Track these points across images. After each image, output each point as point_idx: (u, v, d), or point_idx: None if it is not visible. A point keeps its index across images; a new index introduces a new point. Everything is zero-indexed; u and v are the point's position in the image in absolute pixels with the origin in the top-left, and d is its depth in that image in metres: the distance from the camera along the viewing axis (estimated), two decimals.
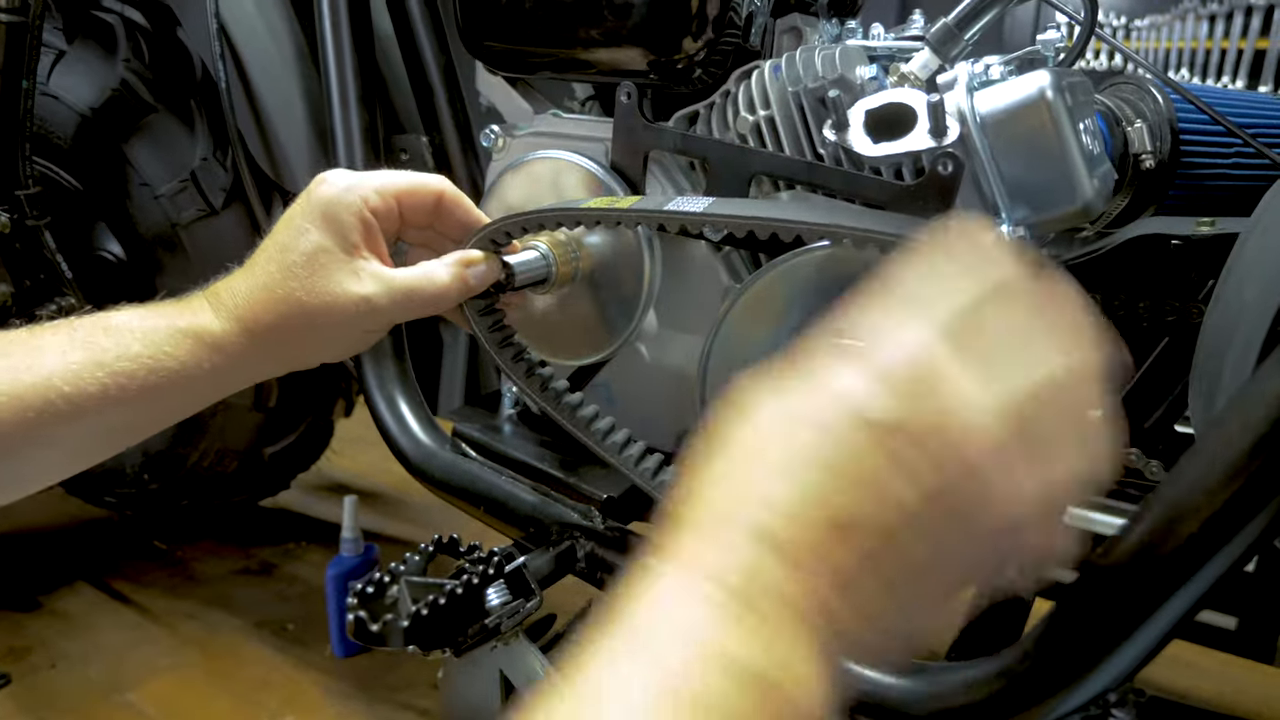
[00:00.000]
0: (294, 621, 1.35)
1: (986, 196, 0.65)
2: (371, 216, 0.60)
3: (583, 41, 0.77)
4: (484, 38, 0.83)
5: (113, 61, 1.20)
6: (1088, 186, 0.64)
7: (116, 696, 1.19)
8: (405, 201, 0.62)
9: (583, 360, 0.83)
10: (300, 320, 0.58)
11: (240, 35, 1.11)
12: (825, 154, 0.70)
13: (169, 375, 0.57)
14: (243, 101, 1.14)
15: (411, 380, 0.95)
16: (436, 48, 1.05)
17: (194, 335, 0.58)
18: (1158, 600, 0.47)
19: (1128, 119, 0.81)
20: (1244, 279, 0.62)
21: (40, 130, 1.22)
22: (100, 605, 1.39)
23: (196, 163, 1.19)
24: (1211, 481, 0.46)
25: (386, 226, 0.62)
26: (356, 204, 0.59)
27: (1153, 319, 0.79)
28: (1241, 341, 0.59)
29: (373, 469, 1.74)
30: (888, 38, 0.78)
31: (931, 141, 0.64)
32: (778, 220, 0.61)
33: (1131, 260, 0.78)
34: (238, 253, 1.29)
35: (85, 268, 1.29)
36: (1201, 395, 0.65)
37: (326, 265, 0.58)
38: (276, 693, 1.20)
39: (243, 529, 1.59)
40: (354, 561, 1.25)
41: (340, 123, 0.97)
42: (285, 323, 0.58)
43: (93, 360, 0.56)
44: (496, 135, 0.86)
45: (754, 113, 0.72)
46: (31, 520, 1.55)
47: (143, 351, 0.57)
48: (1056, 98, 0.63)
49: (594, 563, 0.78)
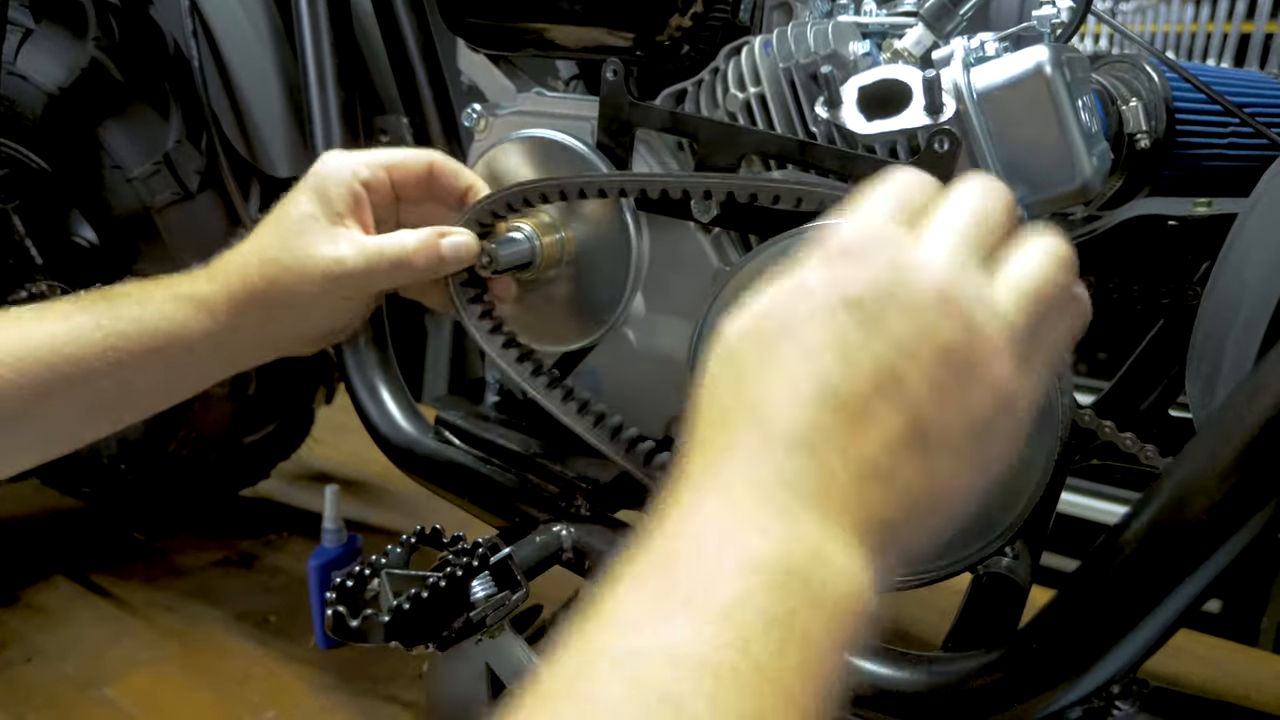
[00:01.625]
0: (276, 613, 1.33)
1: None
2: (361, 188, 0.64)
3: (567, 17, 0.75)
4: (465, 14, 0.81)
5: (82, 40, 1.16)
6: (1086, 165, 0.63)
7: (94, 691, 1.17)
8: (396, 173, 0.66)
9: (570, 346, 0.81)
10: (281, 281, 0.62)
11: (213, 12, 1.08)
12: (817, 132, 0.68)
13: (164, 337, 0.61)
14: (217, 81, 1.11)
15: (393, 367, 0.94)
16: (416, 24, 1.02)
17: (188, 298, 0.62)
18: (1163, 590, 0.46)
19: (1123, 98, 0.79)
20: (1243, 260, 0.61)
21: (7, 110, 1.18)
22: (78, 598, 1.36)
23: (170, 145, 1.16)
24: (1218, 469, 0.45)
25: (378, 199, 0.66)
26: (346, 176, 0.64)
27: (1148, 301, 0.78)
28: (1243, 323, 0.58)
29: (355, 457, 1.72)
30: (880, 13, 0.76)
31: (927, 119, 0.63)
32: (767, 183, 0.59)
33: (1127, 242, 0.77)
34: (213, 236, 1.27)
35: (57, 253, 1.26)
36: (1199, 378, 0.64)
37: (309, 230, 0.62)
38: (258, 686, 1.18)
39: (223, 519, 1.56)
40: (336, 552, 1.23)
41: (318, 103, 0.94)
42: (268, 286, 0.62)
43: (92, 322, 0.60)
44: (479, 115, 0.83)
45: (744, 90, 0.71)
46: (7, 512, 1.52)
47: (141, 314, 0.61)
48: (1055, 73, 0.61)
49: (581, 552, 0.76)
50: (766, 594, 0.30)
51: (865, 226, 0.37)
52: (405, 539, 0.69)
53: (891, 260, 0.36)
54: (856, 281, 0.36)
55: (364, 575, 0.64)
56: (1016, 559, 0.73)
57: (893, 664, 0.60)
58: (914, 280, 0.35)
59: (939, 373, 0.35)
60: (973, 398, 0.36)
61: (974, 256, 0.37)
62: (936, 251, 0.37)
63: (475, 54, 0.86)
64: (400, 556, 0.68)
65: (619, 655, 0.29)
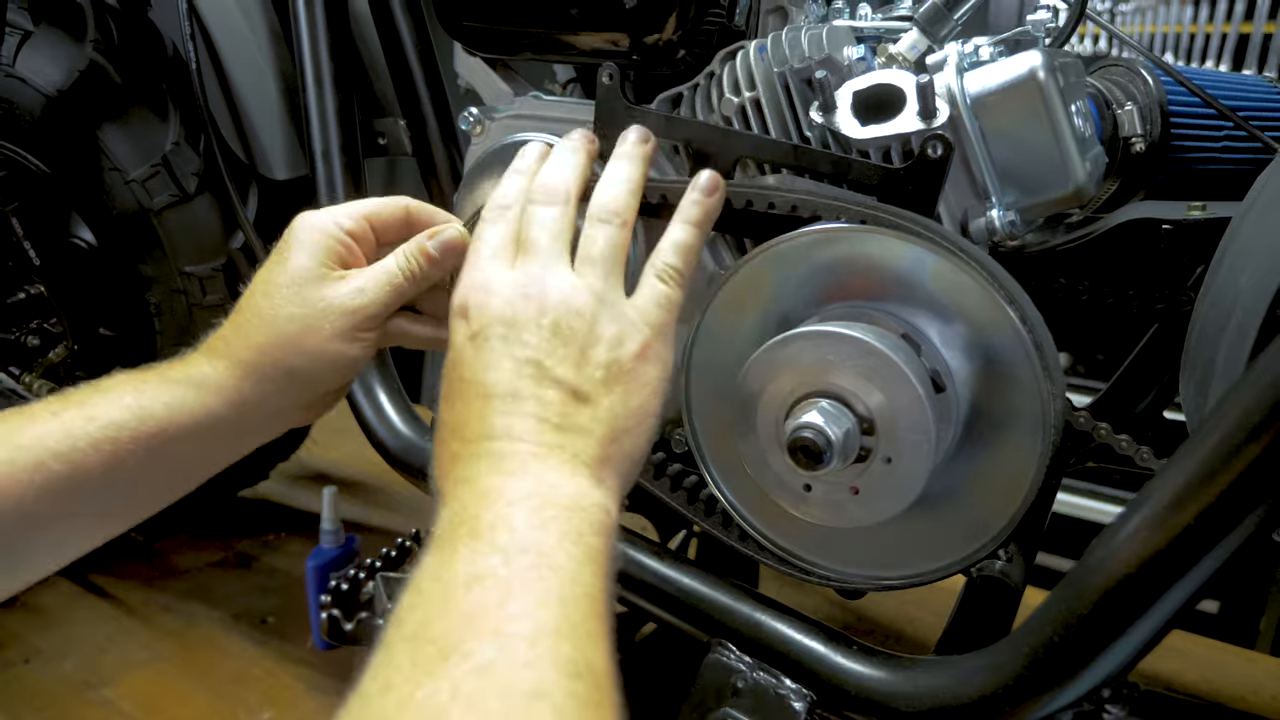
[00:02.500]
0: (274, 614, 1.33)
1: (977, 179, 0.64)
2: (348, 237, 0.62)
3: (564, 21, 0.76)
4: (462, 17, 0.81)
5: (81, 42, 1.17)
6: (1079, 169, 0.63)
7: (92, 693, 1.17)
8: (375, 220, 0.64)
9: None
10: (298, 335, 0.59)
11: (211, 15, 1.08)
12: (812, 136, 0.69)
13: (160, 422, 0.57)
14: (214, 84, 1.11)
15: (390, 369, 0.94)
16: (414, 28, 1.02)
17: (184, 380, 0.59)
18: (1155, 594, 0.46)
19: (1118, 101, 0.80)
20: (1237, 264, 0.61)
21: (6, 112, 1.18)
22: (76, 599, 1.36)
23: (168, 147, 1.16)
24: (1210, 472, 0.45)
25: (364, 248, 0.64)
26: (331, 228, 0.62)
27: (1143, 305, 0.78)
28: (1236, 327, 0.58)
29: (353, 458, 1.72)
30: (875, 18, 0.76)
31: (920, 123, 0.63)
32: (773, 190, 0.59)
33: (1122, 245, 0.78)
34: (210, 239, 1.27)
35: (55, 255, 1.27)
36: (1193, 382, 0.65)
37: (316, 278, 0.60)
38: (256, 686, 1.19)
39: (221, 520, 1.56)
40: (334, 553, 1.23)
41: (315, 105, 0.94)
42: (284, 342, 0.59)
43: (83, 415, 0.55)
44: (475, 118, 0.84)
45: (739, 94, 0.71)
46: None
47: (134, 402, 0.57)
48: (1048, 78, 0.61)
49: None
50: (536, 526, 0.43)
51: (485, 283, 0.54)
52: (401, 541, 0.69)
53: (508, 299, 0.53)
54: (493, 318, 0.52)
55: (359, 578, 0.64)
56: (1010, 561, 0.73)
57: (884, 667, 0.60)
58: (533, 301, 0.53)
59: (559, 347, 0.51)
60: (596, 352, 0.51)
61: (606, 281, 0.55)
62: (524, 276, 0.54)
63: (472, 57, 0.86)
64: (396, 559, 0.68)
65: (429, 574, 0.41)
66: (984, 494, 0.61)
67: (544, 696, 0.35)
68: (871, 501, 0.60)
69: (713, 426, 0.69)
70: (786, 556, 0.69)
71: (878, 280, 0.62)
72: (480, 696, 0.35)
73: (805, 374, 0.59)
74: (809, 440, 0.56)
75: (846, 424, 0.57)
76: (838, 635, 0.65)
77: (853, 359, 0.57)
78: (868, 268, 0.62)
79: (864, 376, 0.57)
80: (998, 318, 0.59)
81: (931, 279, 0.60)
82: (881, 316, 0.62)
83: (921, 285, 0.61)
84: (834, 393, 0.58)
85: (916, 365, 0.58)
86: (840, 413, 0.58)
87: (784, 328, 0.62)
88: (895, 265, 0.61)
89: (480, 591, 0.39)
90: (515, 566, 0.40)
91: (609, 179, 0.60)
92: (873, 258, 0.61)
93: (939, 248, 0.59)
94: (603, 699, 0.37)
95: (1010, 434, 0.60)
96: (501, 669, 0.36)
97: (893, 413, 0.57)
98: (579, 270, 0.55)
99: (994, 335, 0.59)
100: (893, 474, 0.58)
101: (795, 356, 0.59)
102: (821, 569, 0.68)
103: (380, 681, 0.37)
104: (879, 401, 0.57)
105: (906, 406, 0.57)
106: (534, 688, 0.36)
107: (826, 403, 0.58)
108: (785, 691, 0.64)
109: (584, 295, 0.53)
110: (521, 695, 0.35)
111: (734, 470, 0.68)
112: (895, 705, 0.57)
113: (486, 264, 0.55)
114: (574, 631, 0.39)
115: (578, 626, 0.39)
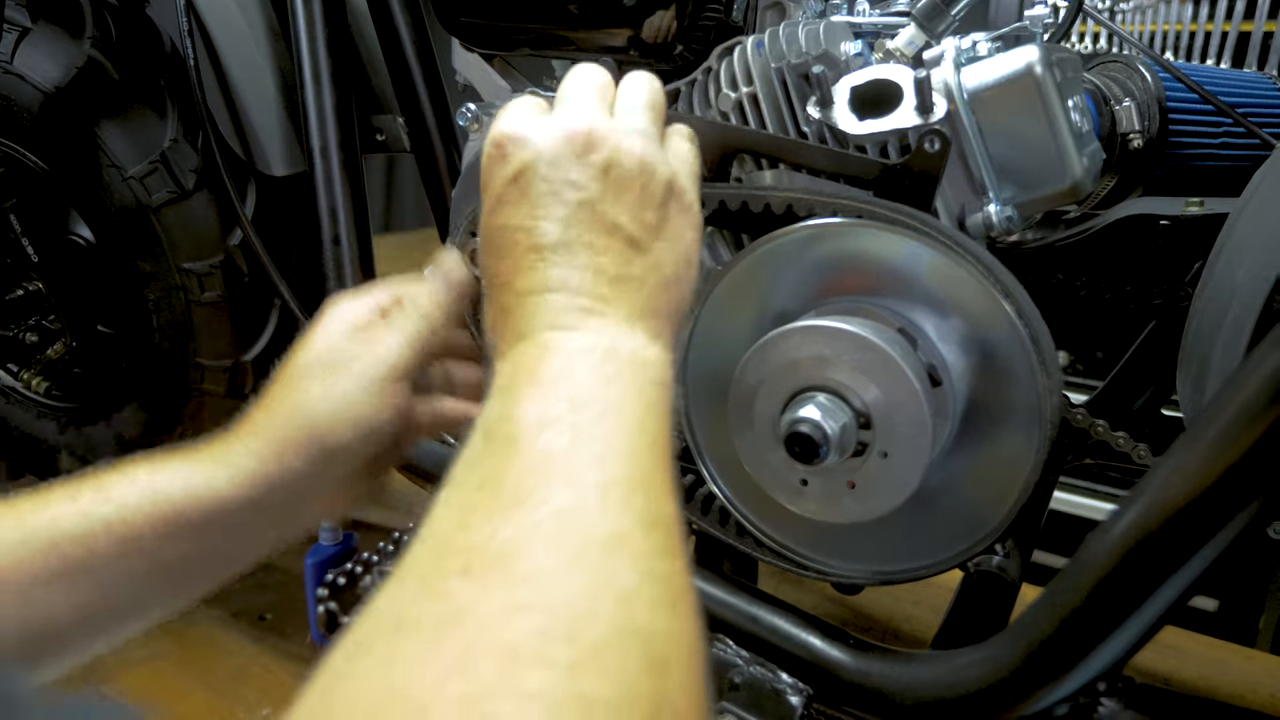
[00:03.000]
0: (272, 611, 1.33)
1: (974, 174, 0.64)
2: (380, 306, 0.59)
3: (561, 17, 0.76)
4: (460, 13, 0.81)
5: (79, 39, 1.17)
6: (1077, 165, 0.63)
7: (90, 689, 1.17)
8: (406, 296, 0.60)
9: None
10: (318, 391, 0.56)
11: (209, 11, 1.08)
12: (809, 132, 0.69)
13: (176, 504, 0.53)
14: (212, 80, 1.11)
15: None
16: (412, 24, 1.02)
17: (205, 458, 0.55)
18: (1149, 587, 0.46)
19: (1116, 98, 0.80)
20: (1234, 259, 0.61)
21: (4, 109, 1.18)
22: None
23: (166, 144, 1.16)
24: (1204, 467, 0.45)
25: None
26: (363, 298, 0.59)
27: (1140, 301, 0.78)
28: (1232, 321, 0.58)
29: None
30: (873, 13, 0.76)
31: (918, 119, 0.63)
32: None
33: (1119, 241, 0.78)
34: (209, 235, 1.26)
35: (54, 252, 1.27)
36: (1190, 378, 0.65)
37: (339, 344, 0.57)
38: (254, 683, 1.19)
39: None
40: (332, 549, 1.23)
41: (313, 102, 0.94)
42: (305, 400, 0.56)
43: (100, 495, 0.52)
44: (473, 114, 0.83)
45: (736, 90, 0.71)
46: None
47: (148, 481, 0.53)
48: (1045, 73, 0.61)
49: None
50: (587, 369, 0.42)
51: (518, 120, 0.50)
52: (398, 536, 0.69)
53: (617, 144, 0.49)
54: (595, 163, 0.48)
55: (356, 572, 0.64)
56: (1007, 557, 0.73)
57: (880, 661, 0.60)
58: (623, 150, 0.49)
59: (611, 188, 0.48)
60: (649, 195, 0.49)
61: (651, 126, 0.51)
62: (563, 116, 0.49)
63: (470, 54, 0.86)
64: (393, 554, 0.68)
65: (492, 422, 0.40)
66: (981, 489, 0.61)
67: (622, 543, 0.35)
68: (868, 496, 0.60)
69: (709, 422, 0.69)
70: (783, 552, 0.69)
71: (874, 275, 0.62)
72: (561, 540, 0.35)
73: (802, 369, 0.59)
74: (805, 434, 0.56)
75: (843, 418, 0.57)
76: (835, 630, 0.65)
77: (849, 353, 0.57)
78: (864, 263, 0.62)
79: (861, 371, 0.57)
80: (994, 312, 0.59)
81: (928, 274, 0.60)
82: (878, 311, 0.62)
83: (918, 280, 0.61)
84: (831, 387, 0.58)
85: (913, 360, 0.58)
86: (837, 407, 0.58)
87: (781, 323, 0.62)
88: (892, 260, 0.61)
89: (550, 436, 0.38)
90: (583, 415, 0.40)
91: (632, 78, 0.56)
92: (869, 253, 0.61)
93: (936, 242, 0.59)
94: (675, 549, 0.37)
95: (1007, 429, 0.60)
96: (580, 515, 0.36)
97: (889, 407, 0.57)
98: (620, 116, 0.51)
99: (990, 330, 0.59)
100: (889, 468, 0.58)
101: (792, 351, 0.59)
102: (818, 564, 0.68)
103: (454, 521, 0.36)
104: (875, 396, 0.57)
105: (903, 401, 0.57)
106: (611, 534, 0.35)
107: (823, 397, 0.58)
108: (782, 686, 0.64)
109: (633, 136, 0.49)
110: (599, 542, 0.35)
111: (731, 466, 0.68)
112: (892, 699, 0.57)
113: (517, 112, 0.51)
114: (645, 481, 0.39)
115: (648, 476, 0.39)
